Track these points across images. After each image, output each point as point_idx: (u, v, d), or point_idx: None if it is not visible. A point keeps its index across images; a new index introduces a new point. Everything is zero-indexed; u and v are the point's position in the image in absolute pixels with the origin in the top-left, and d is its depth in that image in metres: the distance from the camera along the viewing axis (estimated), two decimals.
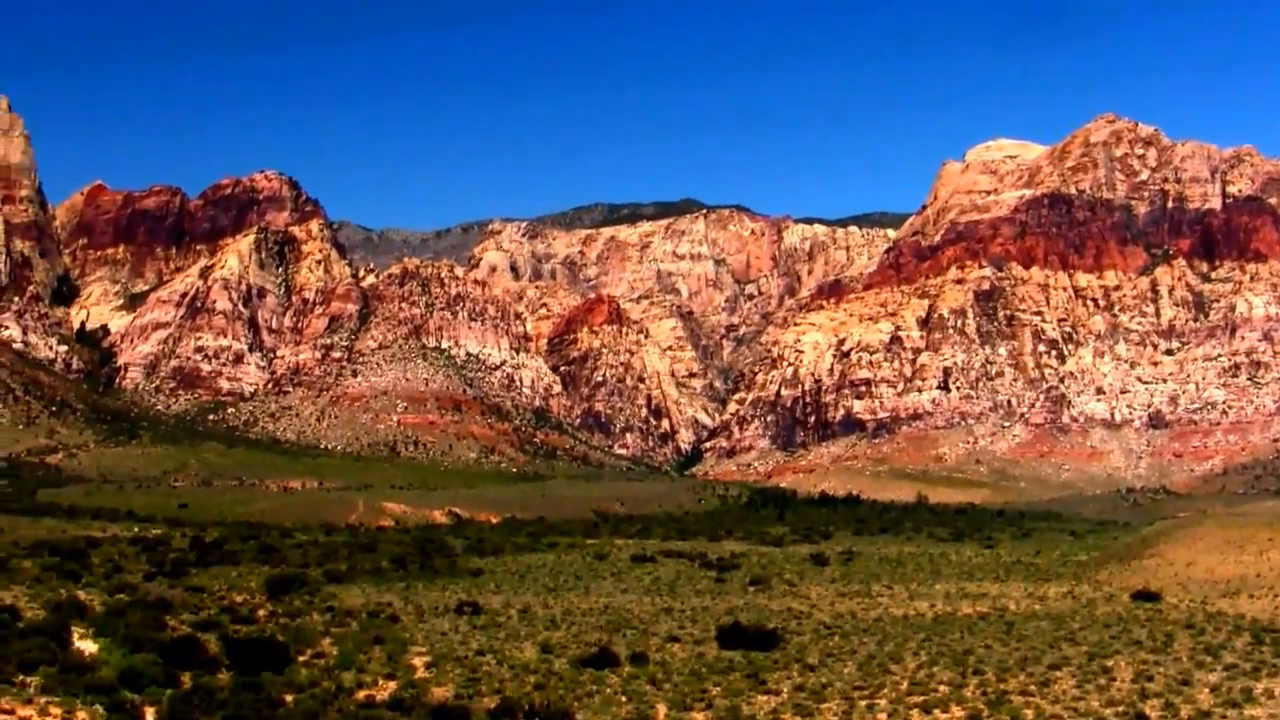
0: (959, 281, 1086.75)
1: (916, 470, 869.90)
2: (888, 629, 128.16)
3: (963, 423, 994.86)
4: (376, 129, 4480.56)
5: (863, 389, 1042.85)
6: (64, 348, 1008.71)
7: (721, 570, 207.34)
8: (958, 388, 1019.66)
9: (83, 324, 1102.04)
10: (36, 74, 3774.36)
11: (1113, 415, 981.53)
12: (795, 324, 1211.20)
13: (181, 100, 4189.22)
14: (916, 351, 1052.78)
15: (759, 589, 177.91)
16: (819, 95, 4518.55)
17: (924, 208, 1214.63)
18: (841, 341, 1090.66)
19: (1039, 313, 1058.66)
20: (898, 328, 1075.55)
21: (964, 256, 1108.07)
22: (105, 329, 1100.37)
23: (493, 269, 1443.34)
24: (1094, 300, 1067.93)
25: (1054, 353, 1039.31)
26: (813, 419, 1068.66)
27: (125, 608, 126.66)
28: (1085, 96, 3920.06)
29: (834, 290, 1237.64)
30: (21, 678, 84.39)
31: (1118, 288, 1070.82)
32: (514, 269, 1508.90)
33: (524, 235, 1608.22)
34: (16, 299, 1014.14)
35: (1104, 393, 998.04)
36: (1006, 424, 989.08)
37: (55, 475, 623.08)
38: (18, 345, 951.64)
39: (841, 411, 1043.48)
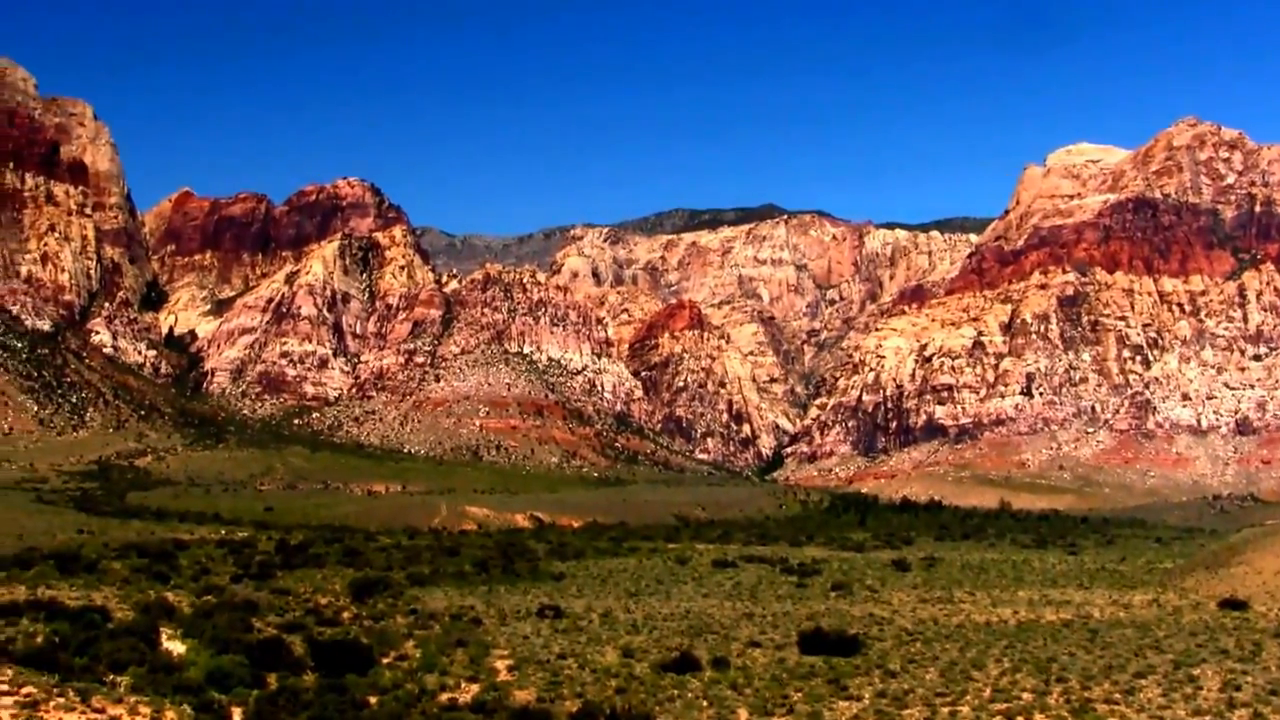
0: (1042, 286, 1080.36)
1: (999, 476, 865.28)
2: (970, 635, 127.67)
3: (1046, 428, 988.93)
4: (459, 135, 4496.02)
5: (945, 394, 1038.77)
6: (153, 353, 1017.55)
7: (803, 575, 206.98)
8: (1041, 393, 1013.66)
9: (171, 329, 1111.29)
10: (123, 82, 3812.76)
11: (1199, 421, 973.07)
12: (877, 329, 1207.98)
13: (268, 107, 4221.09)
14: (999, 357, 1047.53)
15: (840, 594, 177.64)
16: (901, 99, 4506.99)
17: (1006, 212, 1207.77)
18: (923, 347, 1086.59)
19: (1123, 318, 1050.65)
20: (980, 333, 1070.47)
21: (1047, 261, 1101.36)
22: (193, 334, 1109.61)
23: (575, 274, 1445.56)
24: (1179, 305, 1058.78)
25: (1139, 358, 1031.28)
26: (894, 424, 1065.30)
27: (213, 609, 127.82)
28: (1163, 100, 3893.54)
29: (916, 295, 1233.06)
30: (112, 677, 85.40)
31: (1204, 292, 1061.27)
32: (596, 274, 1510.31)
33: (606, 241, 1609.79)
34: (106, 304, 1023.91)
35: (1190, 399, 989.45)
36: (1090, 430, 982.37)
37: (144, 478, 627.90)
38: (108, 350, 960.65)
39: (923, 417, 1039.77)
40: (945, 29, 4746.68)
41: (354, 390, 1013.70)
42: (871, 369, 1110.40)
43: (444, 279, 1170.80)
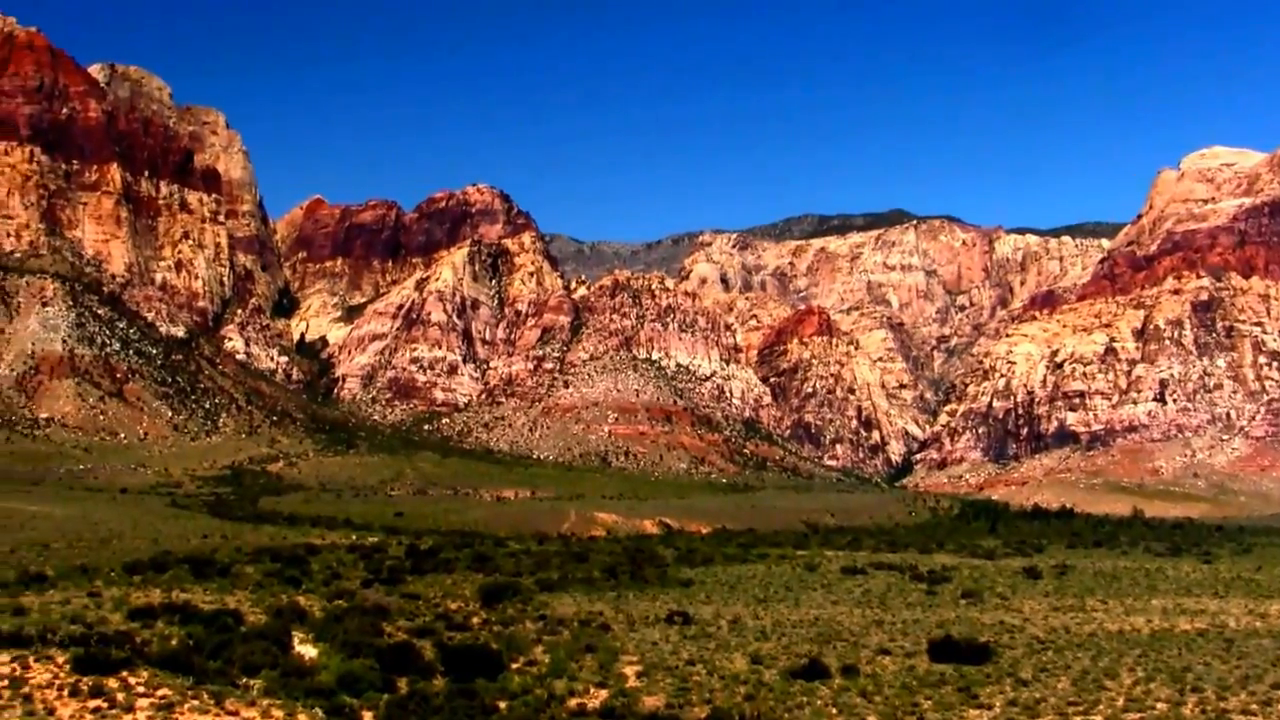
0: (1176, 292, 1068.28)
1: (1132, 483, 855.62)
2: (1103, 644, 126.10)
3: (1180, 435, 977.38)
4: (588, 141, 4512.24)
5: (1076, 401, 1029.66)
6: (284, 359, 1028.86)
7: (933, 583, 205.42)
8: (1174, 400, 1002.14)
9: (302, 335, 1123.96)
10: (255, 90, 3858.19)
11: None
12: (1007, 335, 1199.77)
13: (398, 113, 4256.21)
14: (1132, 363, 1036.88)
15: (971, 602, 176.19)
16: (1032, 102, 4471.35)
17: (1139, 217, 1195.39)
18: (1055, 353, 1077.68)
19: (1259, 323, 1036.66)
20: (1112, 339, 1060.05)
21: (1181, 266, 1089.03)
22: (324, 340, 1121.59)
23: (703, 280, 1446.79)
24: None
25: (1275, 364, 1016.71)
26: (1025, 431, 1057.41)
27: (344, 614, 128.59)
28: None
29: (1047, 301, 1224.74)
30: (245, 680, 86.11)
31: None
32: (724, 280, 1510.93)
33: (734, 247, 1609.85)
34: (239, 311, 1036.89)
35: None
36: (1225, 437, 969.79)
37: (276, 483, 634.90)
38: (241, 356, 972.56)
39: (1055, 423, 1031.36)
40: (1077, 32, 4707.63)
41: (483, 396, 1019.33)
42: (1002, 375, 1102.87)
43: (573, 285, 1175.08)
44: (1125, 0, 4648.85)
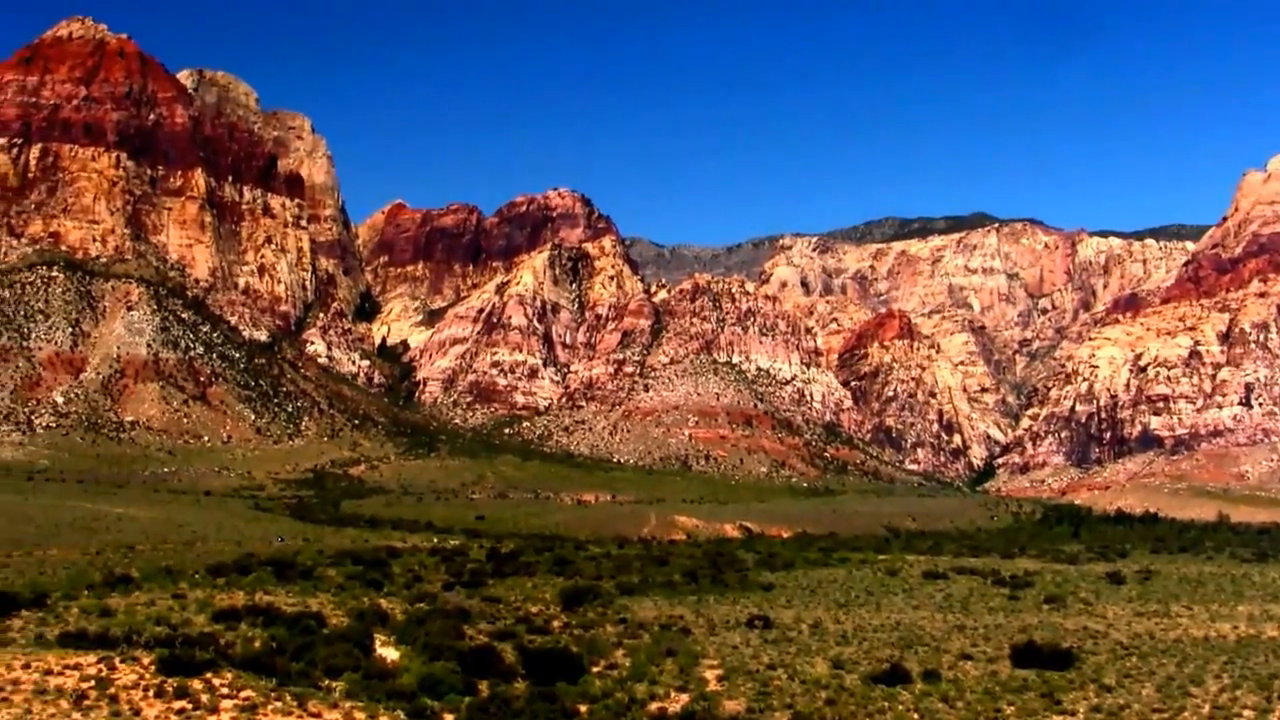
0: (1261, 295, 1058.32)
1: (1217, 488, 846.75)
2: (1188, 650, 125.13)
3: (1266, 440, 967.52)
4: (669, 145, 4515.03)
5: (1160, 405, 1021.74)
6: (366, 362, 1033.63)
7: (1015, 588, 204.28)
8: (1260, 404, 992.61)
9: (384, 339, 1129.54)
10: (338, 94, 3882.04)
11: None
12: (1090, 338, 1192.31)
13: (479, 118, 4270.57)
14: (1217, 367, 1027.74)
15: (1053, 607, 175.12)
16: (1114, 105, 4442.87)
17: (1224, 219, 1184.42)
18: (1138, 356, 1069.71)
19: None
20: (1197, 342, 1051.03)
21: (1267, 269, 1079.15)
22: (405, 344, 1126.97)
23: (783, 284, 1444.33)
24: None
25: None
26: (1108, 435, 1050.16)
27: (425, 616, 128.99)
28: None
29: (1130, 304, 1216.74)
30: (327, 683, 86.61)
31: None
32: (804, 284, 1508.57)
33: (814, 250, 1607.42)
34: (322, 315, 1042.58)
35: None
36: None
37: (358, 486, 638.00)
38: (323, 360, 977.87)
39: (1138, 428, 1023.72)
40: (1161, 32, 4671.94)
41: (563, 400, 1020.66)
42: (1085, 379, 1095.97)
43: (653, 289, 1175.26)
44: (1213, 2, 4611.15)
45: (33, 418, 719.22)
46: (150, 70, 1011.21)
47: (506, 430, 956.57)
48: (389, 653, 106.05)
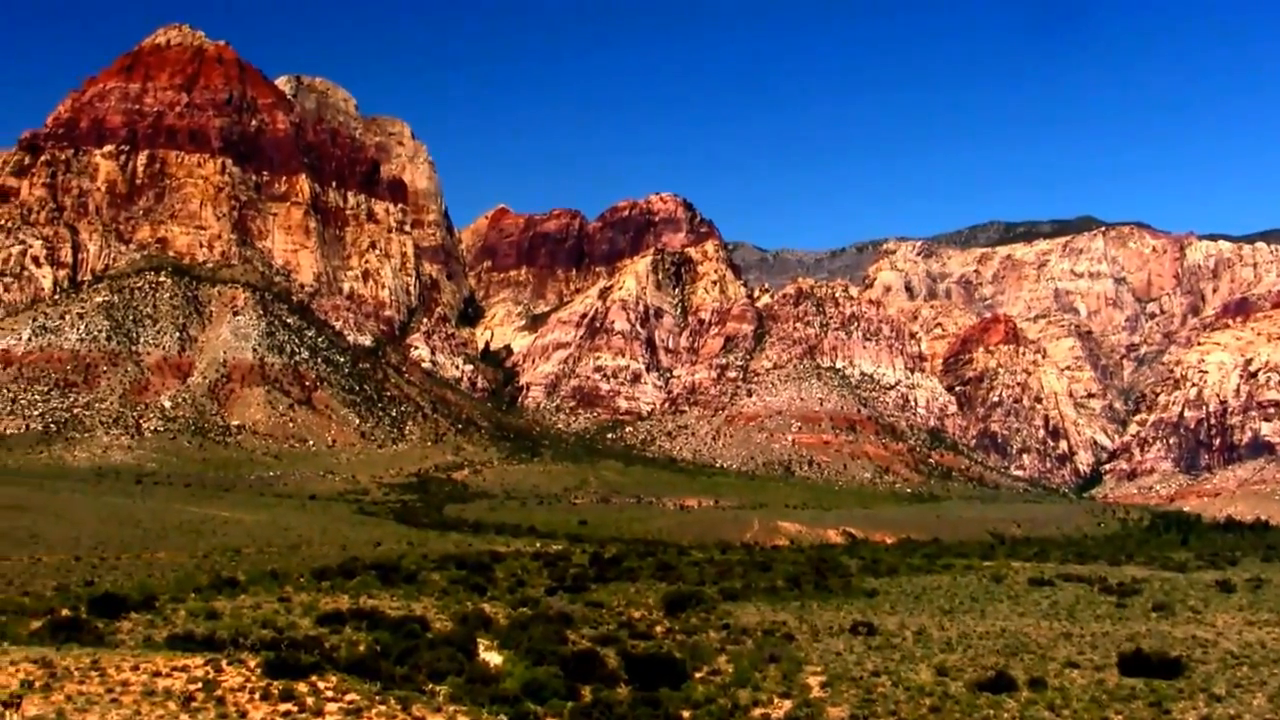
0: None
1: None
2: None
3: None
4: (772, 149, 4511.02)
5: (1271, 411, 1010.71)
6: (469, 367, 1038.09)
7: (1122, 595, 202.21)
8: None
9: (487, 344, 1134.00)
10: (439, 100, 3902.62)
11: None
12: (1199, 343, 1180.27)
13: (582, 122, 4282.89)
14: None
15: (1162, 615, 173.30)
16: (1223, 106, 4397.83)
17: None
18: (1248, 362, 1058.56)
19: None
20: None
21: None
22: (508, 349, 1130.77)
23: (887, 288, 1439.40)
24: None
25: None
26: (1218, 441, 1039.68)
27: (528, 621, 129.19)
28: None
29: (1240, 308, 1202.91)
30: (431, 686, 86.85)
31: None
32: (909, 288, 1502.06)
33: (919, 254, 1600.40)
34: (425, 320, 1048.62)
35: None
36: None
37: (461, 491, 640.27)
38: (426, 365, 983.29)
39: (1249, 434, 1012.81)
40: (1264, 33, 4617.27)
41: (666, 405, 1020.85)
42: (1194, 384, 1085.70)
43: (756, 294, 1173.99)
44: None
45: (141, 422, 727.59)
46: (249, 77, 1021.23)
47: (609, 435, 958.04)
48: (492, 657, 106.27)
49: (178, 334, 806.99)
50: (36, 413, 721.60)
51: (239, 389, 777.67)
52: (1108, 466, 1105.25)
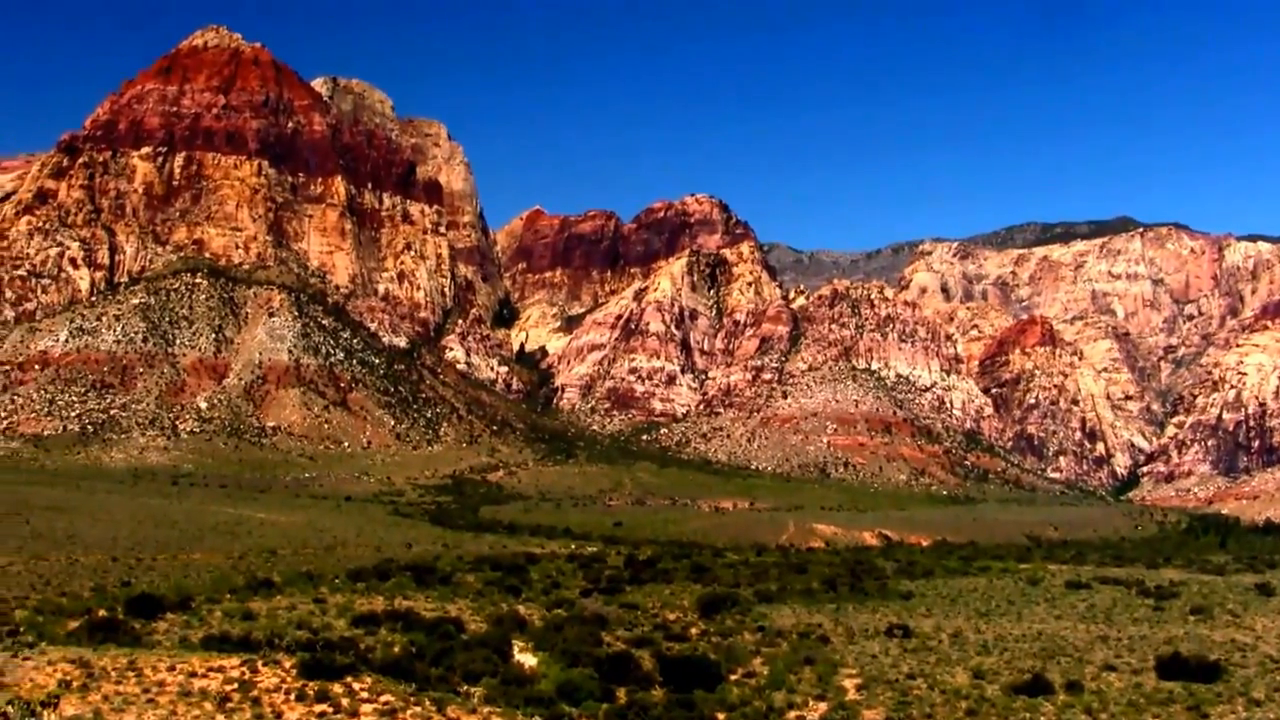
0: None
1: None
2: None
3: None
4: (807, 150, 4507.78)
5: None
6: (504, 369, 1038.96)
7: (1160, 598, 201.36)
8: None
9: (522, 345, 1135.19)
10: (475, 102, 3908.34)
11: None
12: (1238, 345, 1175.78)
13: (616, 123, 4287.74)
14: None
15: (1200, 618, 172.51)
16: (1262, 107, 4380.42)
17: None
18: None
19: None
20: None
21: None
22: (543, 350, 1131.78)
23: (923, 290, 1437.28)
24: None
25: None
26: (1257, 443, 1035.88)
27: (563, 623, 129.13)
28: None
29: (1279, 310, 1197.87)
30: (466, 688, 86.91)
31: None
32: (944, 290, 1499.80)
33: (955, 256, 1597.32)
34: (460, 321, 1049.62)
35: None
36: None
37: (496, 492, 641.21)
38: (461, 366, 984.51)
39: None
40: None
41: (701, 406, 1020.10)
42: (1232, 386, 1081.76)
43: (791, 295, 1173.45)
44: None
45: (177, 423, 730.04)
46: (285, 79, 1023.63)
47: (644, 437, 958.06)
48: (527, 659, 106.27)
49: (214, 335, 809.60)
50: (74, 414, 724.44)
51: (274, 390, 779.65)
52: (1145, 469, 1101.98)
